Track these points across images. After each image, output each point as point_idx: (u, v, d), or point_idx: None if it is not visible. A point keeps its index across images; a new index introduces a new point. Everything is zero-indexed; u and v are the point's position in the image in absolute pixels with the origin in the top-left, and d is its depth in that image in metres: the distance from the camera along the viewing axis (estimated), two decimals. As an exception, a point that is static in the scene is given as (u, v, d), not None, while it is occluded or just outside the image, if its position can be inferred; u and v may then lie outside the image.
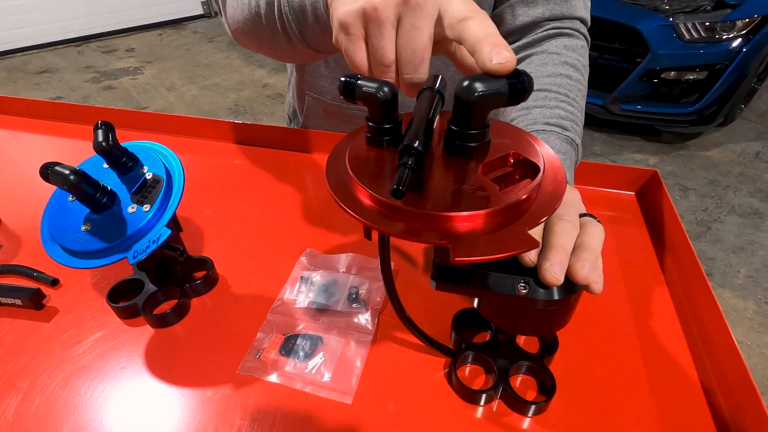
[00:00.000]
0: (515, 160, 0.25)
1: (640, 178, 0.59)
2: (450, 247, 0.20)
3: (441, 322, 0.42)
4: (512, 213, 0.22)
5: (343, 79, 0.25)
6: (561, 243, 0.27)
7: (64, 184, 0.34)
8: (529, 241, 0.20)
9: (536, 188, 0.23)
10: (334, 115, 0.71)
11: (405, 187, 0.19)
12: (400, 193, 0.19)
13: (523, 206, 0.22)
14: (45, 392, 0.38)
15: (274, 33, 0.44)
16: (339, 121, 0.72)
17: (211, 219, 0.57)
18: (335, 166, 0.26)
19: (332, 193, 0.24)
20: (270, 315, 0.44)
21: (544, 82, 0.48)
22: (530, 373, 0.38)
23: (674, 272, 0.48)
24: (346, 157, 0.25)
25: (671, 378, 0.39)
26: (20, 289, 0.44)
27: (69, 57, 3.57)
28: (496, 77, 0.22)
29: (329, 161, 0.27)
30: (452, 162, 0.25)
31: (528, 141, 0.26)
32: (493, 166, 0.25)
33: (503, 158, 0.25)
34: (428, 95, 0.24)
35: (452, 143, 0.25)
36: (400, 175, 0.20)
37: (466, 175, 0.23)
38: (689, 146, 2.34)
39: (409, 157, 0.20)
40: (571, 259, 0.27)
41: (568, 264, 0.27)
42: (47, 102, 0.81)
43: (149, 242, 0.36)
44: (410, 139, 0.21)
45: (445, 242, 0.20)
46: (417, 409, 0.36)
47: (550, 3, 0.53)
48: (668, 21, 2.07)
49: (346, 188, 0.24)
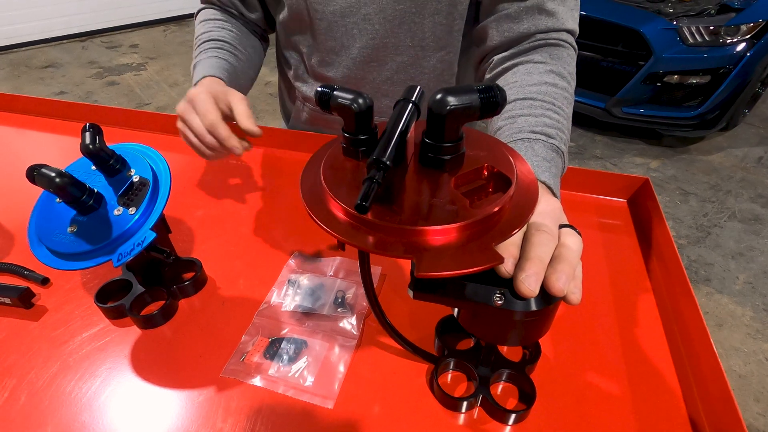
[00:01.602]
0: (489, 173, 0.25)
1: (631, 186, 0.59)
2: (414, 261, 0.20)
3: (425, 327, 0.43)
4: (482, 227, 0.22)
5: (319, 89, 0.25)
6: (538, 254, 0.27)
7: (50, 187, 0.34)
8: (494, 256, 0.20)
9: (507, 201, 0.23)
10: (317, 121, 0.73)
11: (369, 202, 0.19)
12: (364, 209, 0.19)
13: (494, 220, 0.22)
14: (31, 390, 0.39)
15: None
16: (322, 126, 0.73)
17: (201, 220, 0.57)
18: (310, 175, 0.26)
19: (305, 204, 0.24)
20: (256, 318, 0.44)
21: (530, 91, 0.48)
22: (511, 380, 0.38)
23: (661, 280, 0.48)
24: (321, 168, 0.25)
25: (652, 386, 0.39)
26: (10, 288, 0.45)
27: (73, 52, 3.58)
28: (469, 90, 0.22)
29: (305, 171, 0.27)
30: (425, 174, 0.25)
31: (503, 153, 0.26)
32: (466, 178, 0.25)
33: (477, 171, 0.25)
34: (402, 107, 0.24)
35: (426, 155, 0.25)
36: (366, 190, 0.20)
37: (438, 188, 0.23)
38: (691, 150, 2.33)
39: (377, 171, 0.20)
40: (547, 270, 0.27)
41: (545, 276, 0.27)
42: (46, 99, 0.81)
43: (134, 245, 0.36)
44: (379, 152, 0.21)
45: (410, 256, 0.20)
46: (398, 416, 0.37)
47: (536, 18, 0.53)
48: (672, 24, 2.05)
49: (319, 199, 0.24)
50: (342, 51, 0.62)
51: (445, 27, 0.58)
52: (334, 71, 0.64)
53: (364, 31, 0.58)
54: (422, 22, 0.58)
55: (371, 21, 0.58)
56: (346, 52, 0.62)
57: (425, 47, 0.60)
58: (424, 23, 0.58)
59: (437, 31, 0.59)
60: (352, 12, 0.57)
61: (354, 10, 0.57)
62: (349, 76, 0.64)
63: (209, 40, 0.61)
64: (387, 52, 0.61)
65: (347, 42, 0.61)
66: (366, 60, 0.62)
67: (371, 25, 0.58)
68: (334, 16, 0.58)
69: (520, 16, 0.53)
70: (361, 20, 0.58)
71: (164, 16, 4.20)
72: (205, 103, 0.49)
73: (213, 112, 0.49)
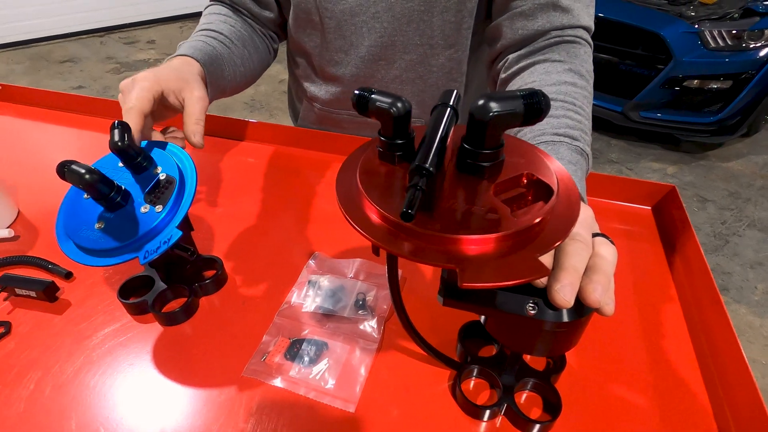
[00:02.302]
0: (528, 181, 0.25)
1: (657, 193, 0.58)
2: (458, 271, 0.20)
3: (446, 332, 0.42)
4: (524, 237, 0.21)
5: (356, 92, 0.25)
6: (572, 264, 0.27)
7: (80, 183, 0.35)
8: (540, 269, 0.20)
9: (549, 211, 0.23)
10: (325, 121, 0.73)
11: (415, 210, 0.19)
12: (410, 216, 0.19)
13: (535, 230, 0.22)
14: (56, 383, 0.39)
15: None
16: (330, 125, 0.73)
17: (221, 218, 0.57)
18: (346, 178, 0.26)
19: (342, 209, 0.24)
20: (277, 318, 0.44)
21: (549, 91, 0.47)
22: (536, 390, 0.37)
23: (688, 291, 0.47)
24: (357, 171, 0.25)
25: (680, 399, 0.38)
26: (35, 281, 0.45)
27: (91, 47, 3.64)
28: (513, 96, 0.22)
29: (340, 174, 0.27)
30: (464, 180, 0.24)
31: (541, 160, 0.26)
32: (505, 186, 0.24)
33: (516, 178, 0.25)
34: (442, 111, 0.24)
35: (464, 161, 0.24)
36: (410, 197, 0.19)
37: (477, 196, 0.23)
38: (709, 156, 2.28)
39: (420, 178, 0.20)
40: (582, 281, 0.26)
41: (580, 286, 0.26)
42: (66, 94, 0.82)
43: (160, 243, 0.36)
44: (422, 159, 0.20)
45: (453, 266, 0.20)
46: (419, 421, 0.36)
47: (551, 15, 0.52)
48: (693, 28, 2.02)
49: (355, 203, 0.24)
50: (351, 50, 0.62)
51: (454, 25, 0.58)
52: (342, 70, 0.64)
53: (373, 29, 0.58)
54: (431, 19, 0.57)
55: (380, 19, 0.57)
56: (354, 50, 0.62)
57: (434, 45, 0.60)
58: (433, 21, 0.58)
59: (446, 28, 0.58)
60: (362, 10, 0.57)
61: (363, 8, 0.57)
62: (357, 74, 0.64)
63: (204, 30, 0.59)
64: (395, 50, 0.60)
65: (356, 40, 0.61)
66: (375, 58, 0.62)
67: (380, 23, 0.58)
68: (344, 14, 0.57)
69: (534, 13, 0.52)
70: (370, 18, 0.57)
71: (181, 13, 4.23)
72: (139, 90, 0.44)
73: (140, 99, 0.43)
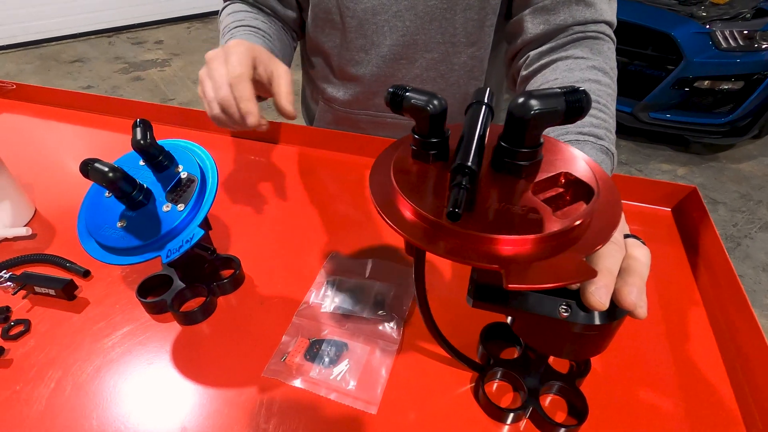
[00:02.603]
0: (566, 180, 0.24)
1: (677, 194, 0.57)
2: (502, 272, 0.19)
3: (466, 334, 0.42)
4: (566, 238, 0.21)
5: (391, 89, 0.25)
6: (607, 266, 0.26)
7: (103, 181, 0.34)
8: (587, 271, 0.19)
9: (592, 213, 0.22)
10: (342, 121, 0.72)
11: (462, 209, 0.19)
12: (457, 216, 0.19)
13: (578, 232, 0.21)
14: (76, 382, 0.39)
15: None
16: (347, 126, 0.72)
17: (236, 217, 0.57)
18: (379, 178, 0.26)
19: (378, 209, 0.23)
20: (295, 318, 0.44)
21: None
22: (561, 394, 0.37)
23: (712, 294, 0.46)
24: (391, 171, 0.25)
25: (708, 404, 0.37)
26: (55, 279, 0.45)
27: (100, 47, 3.66)
28: (554, 94, 0.21)
29: (372, 173, 0.26)
30: (500, 180, 0.24)
31: (577, 159, 0.25)
32: (543, 185, 0.24)
33: (554, 178, 0.24)
34: (478, 110, 0.23)
35: (501, 160, 0.24)
36: (456, 196, 0.19)
37: (516, 195, 0.23)
38: (720, 158, 2.26)
39: (462, 176, 0.19)
40: (618, 283, 0.26)
41: (615, 288, 0.26)
42: (81, 93, 0.83)
43: (182, 242, 0.36)
44: (463, 157, 0.20)
45: (496, 267, 0.20)
46: (442, 424, 0.36)
47: (573, 9, 0.51)
48: (704, 28, 2.00)
49: (390, 202, 0.24)
50: (372, 49, 0.61)
51: (476, 22, 0.57)
52: (362, 70, 0.64)
53: (395, 28, 0.58)
54: (453, 17, 0.57)
55: (402, 17, 0.57)
56: (376, 50, 0.61)
57: (456, 43, 0.59)
58: (455, 19, 0.57)
59: (468, 26, 0.58)
60: (384, 9, 0.56)
61: (386, 6, 0.56)
62: (378, 74, 0.64)
63: (242, 26, 0.58)
64: (417, 49, 0.60)
65: (377, 40, 0.60)
66: (396, 57, 0.61)
67: (402, 22, 0.57)
68: (366, 13, 0.57)
69: (557, 7, 0.51)
70: (392, 17, 0.57)
71: (188, 13, 4.26)
72: (240, 55, 0.42)
73: (245, 65, 0.42)
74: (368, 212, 0.58)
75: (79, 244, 0.37)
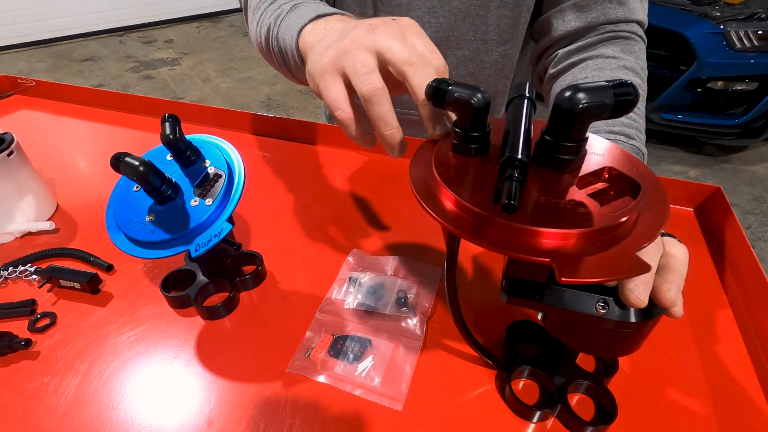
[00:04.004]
0: (610, 175, 0.24)
1: (700, 194, 0.57)
2: (554, 266, 0.19)
3: (488, 333, 0.42)
4: (615, 234, 0.21)
5: (433, 83, 0.25)
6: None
7: (134, 175, 0.35)
8: (640, 265, 0.19)
9: (640, 208, 0.22)
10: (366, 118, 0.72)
11: (517, 201, 0.19)
12: (513, 208, 0.19)
13: (626, 227, 0.21)
14: (102, 375, 0.39)
15: (274, 63, 0.49)
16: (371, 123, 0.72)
17: (257, 213, 0.57)
18: (419, 172, 0.25)
19: (421, 202, 0.23)
20: (318, 314, 0.44)
21: None
22: (589, 393, 0.36)
23: (739, 294, 0.45)
24: (433, 165, 0.24)
25: (737, 405, 0.37)
26: (80, 273, 0.46)
27: (111, 46, 3.69)
28: (602, 87, 0.21)
29: (412, 167, 0.26)
30: (543, 174, 0.24)
31: (620, 154, 0.25)
32: (587, 180, 0.24)
33: (598, 172, 0.24)
34: (521, 103, 0.23)
35: (545, 154, 0.24)
36: (509, 188, 0.19)
37: (560, 189, 0.22)
38: (733, 160, 2.24)
39: (513, 169, 0.19)
40: (656, 280, 0.26)
41: (654, 285, 0.26)
42: (100, 90, 0.83)
43: (211, 236, 0.36)
44: (513, 150, 0.20)
45: (547, 260, 0.19)
46: (468, 421, 0.36)
47: (606, 7, 0.50)
48: (719, 28, 1.98)
49: (433, 196, 0.24)
50: None
51: (510, 20, 0.57)
52: None
53: (428, 24, 0.57)
54: (487, 15, 0.56)
55: (436, 14, 0.56)
56: None
57: (488, 41, 0.59)
58: (489, 16, 0.56)
59: (501, 24, 0.57)
60: (418, 5, 0.56)
61: (420, 2, 0.56)
62: None
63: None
64: (448, 46, 0.60)
65: None
66: None
67: (435, 18, 0.57)
68: (400, 9, 0.57)
69: (589, 4, 0.51)
70: (425, 13, 0.57)
71: (197, 13, 4.29)
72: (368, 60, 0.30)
73: (379, 78, 0.30)
74: (389, 210, 0.58)
75: (101, 239, 0.37)
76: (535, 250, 0.20)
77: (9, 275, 0.48)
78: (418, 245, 0.52)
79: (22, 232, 0.54)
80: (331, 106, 0.32)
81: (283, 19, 0.41)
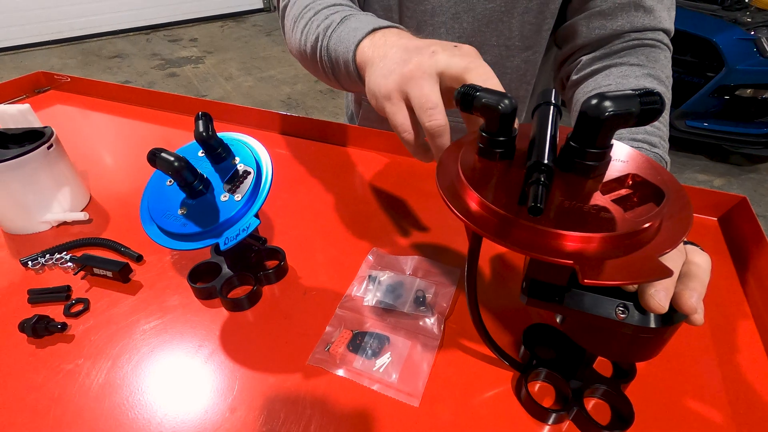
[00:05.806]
0: (634, 182, 0.24)
1: (724, 203, 0.56)
2: (577, 268, 0.20)
3: (505, 334, 0.42)
4: (637, 239, 0.21)
5: (462, 89, 0.25)
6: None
7: (169, 170, 0.36)
8: (663, 270, 0.19)
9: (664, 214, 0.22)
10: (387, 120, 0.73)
11: (543, 204, 0.19)
12: (539, 210, 0.19)
13: (649, 233, 0.22)
14: (132, 361, 0.41)
15: (317, 72, 0.48)
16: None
17: (280, 211, 0.59)
18: (446, 175, 0.26)
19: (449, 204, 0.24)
20: (338, 310, 0.45)
21: None
22: (605, 398, 0.37)
23: (762, 306, 0.45)
24: (459, 167, 0.25)
25: (758, 418, 0.36)
26: (112, 262, 0.48)
27: (138, 44, 3.80)
28: (628, 95, 0.22)
29: (439, 170, 0.27)
30: (568, 179, 0.24)
31: (644, 161, 0.25)
32: (611, 186, 0.24)
33: (622, 179, 0.24)
34: (547, 110, 0.24)
35: (570, 160, 0.24)
36: (536, 192, 0.19)
37: (584, 194, 0.23)
38: (760, 170, 2.17)
39: (540, 173, 0.20)
40: (678, 287, 0.26)
41: (675, 292, 0.26)
42: (127, 86, 0.86)
43: (239, 230, 0.37)
44: (539, 155, 0.20)
45: (570, 262, 0.20)
46: (483, 420, 0.36)
47: (632, 15, 0.50)
48: (749, 35, 1.93)
49: (459, 198, 0.24)
50: None
51: (533, 26, 0.57)
52: None
53: (452, 30, 0.58)
54: (510, 21, 0.57)
55: (460, 19, 0.57)
56: None
57: (510, 47, 0.59)
58: (513, 22, 0.57)
59: (525, 30, 0.58)
60: (443, 10, 0.57)
61: (444, 8, 0.57)
62: None
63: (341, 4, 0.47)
64: None
65: None
66: None
67: (459, 24, 0.58)
68: (425, 14, 0.58)
69: (615, 12, 0.50)
70: (449, 19, 0.57)
71: (222, 12, 4.38)
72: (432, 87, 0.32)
73: (442, 112, 0.32)
74: (409, 210, 0.59)
75: (131, 230, 0.39)
76: (558, 252, 0.21)
77: (46, 262, 0.50)
78: (436, 246, 0.53)
79: (58, 222, 0.57)
80: (398, 129, 0.36)
81: (334, 30, 0.42)
